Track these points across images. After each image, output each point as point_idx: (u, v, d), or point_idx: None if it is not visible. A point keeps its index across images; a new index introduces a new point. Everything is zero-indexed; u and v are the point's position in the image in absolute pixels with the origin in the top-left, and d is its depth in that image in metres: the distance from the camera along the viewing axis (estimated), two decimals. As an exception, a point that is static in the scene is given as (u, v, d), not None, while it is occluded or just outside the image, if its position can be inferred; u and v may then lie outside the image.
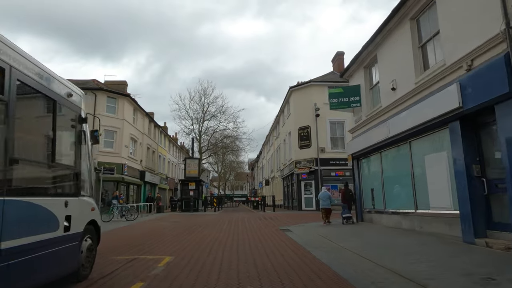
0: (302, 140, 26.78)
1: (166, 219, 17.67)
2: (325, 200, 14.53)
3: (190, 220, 16.90)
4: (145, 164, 31.86)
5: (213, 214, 22.70)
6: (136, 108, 29.63)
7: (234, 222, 15.38)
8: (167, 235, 10.72)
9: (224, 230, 12.22)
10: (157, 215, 22.43)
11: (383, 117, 11.15)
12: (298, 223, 14.73)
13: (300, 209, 26.07)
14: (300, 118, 27.12)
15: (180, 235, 10.51)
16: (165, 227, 13.15)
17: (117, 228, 13.13)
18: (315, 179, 25.44)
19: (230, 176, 76.87)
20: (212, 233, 11.03)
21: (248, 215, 21.94)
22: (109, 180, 24.75)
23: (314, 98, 26.46)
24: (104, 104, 25.60)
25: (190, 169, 25.99)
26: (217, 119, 36.28)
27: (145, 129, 31.87)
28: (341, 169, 25.77)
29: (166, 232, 11.50)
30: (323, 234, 10.18)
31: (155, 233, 11.40)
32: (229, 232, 11.53)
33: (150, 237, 10.02)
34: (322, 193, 14.87)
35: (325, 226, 12.99)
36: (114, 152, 25.64)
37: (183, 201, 25.48)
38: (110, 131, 25.66)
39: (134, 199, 28.62)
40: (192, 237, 10.11)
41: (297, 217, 18.81)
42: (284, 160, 32.89)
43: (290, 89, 28.11)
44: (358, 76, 13.64)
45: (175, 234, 10.83)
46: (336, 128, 26.71)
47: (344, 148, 26.14)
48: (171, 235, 10.68)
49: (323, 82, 27.34)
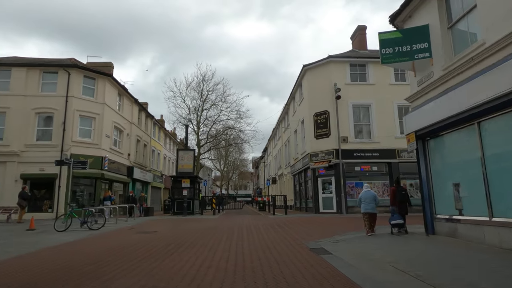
0: (319, 128, 22.21)
1: (145, 227, 13.19)
2: (369, 202, 10.27)
3: (177, 229, 12.42)
4: (134, 158, 27.42)
5: (211, 219, 18.18)
6: (122, 92, 25.19)
7: (237, 233, 10.87)
8: (123, 262, 6.24)
9: (222, 249, 7.73)
10: (140, 220, 17.94)
11: (487, 61, 6.59)
12: (328, 234, 10.26)
13: (317, 211, 21.52)
14: (316, 101, 22.55)
15: (144, 263, 6.04)
16: (131, 244, 8.66)
17: (61, 245, 8.69)
18: (336, 175, 20.88)
19: (233, 175, 72.52)
20: (200, 258, 6.56)
21: (255, 219, 17.42)
22: (84, 176, 20.38)
23: (334, 77, 21.89)
24: (80, 85, 21.18)
25: (184, 163, 21.54)
26: (218, 108, 31.81)
27: (133, 118, 27.42)
28: (368, 162, 21.23)
29: (126, 255, 7.03)
30: (394, 260, 5.66)
31: (107, 256, 6.93)
32: (228, 255, 7.04)
33: (88, 269, 5.57)
34: (365, 193, 10.53)
35: (376, 240, 8.50)
36: (92, 142, 21.21)
37: (175, 202, 21.05)
38: (87, 117, 21.24)
39: (122, 200, 24.19)
40: (163, 268, 5.64)
41: (319, 223, 14.28)
42: (295, 154, 28.32)
43: (304, 68, 23.53)
44: (424, 14, 9.04)
45: (138, 261, 6.35)
46: (360, 113, 22.11)
47: (370, 138, 21.61)
48: (129, 262, 6.20)
49: (344, 58, 22.76)
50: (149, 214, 21.45)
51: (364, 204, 10.56)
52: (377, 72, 22.31)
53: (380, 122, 21.60)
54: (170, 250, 7.60)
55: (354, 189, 20.94)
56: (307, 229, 11.89)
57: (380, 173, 21.33)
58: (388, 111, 21.78)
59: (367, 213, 10.43)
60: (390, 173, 21.11)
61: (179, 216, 20.16)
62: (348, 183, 20.88)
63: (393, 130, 21.60)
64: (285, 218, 17.77)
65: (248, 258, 6.55)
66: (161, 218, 18.58)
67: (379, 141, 21.36)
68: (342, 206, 20.07)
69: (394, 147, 21.25)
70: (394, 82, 22.31)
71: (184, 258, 6.67)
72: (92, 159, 20.66)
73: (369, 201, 10.52)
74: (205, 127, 32.08)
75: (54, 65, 20.95)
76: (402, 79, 22.55)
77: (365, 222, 10.51)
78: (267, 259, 6.38)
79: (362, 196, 10.80)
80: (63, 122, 20.01)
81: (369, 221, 10.40)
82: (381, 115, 21.69)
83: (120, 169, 24.38)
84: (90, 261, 6.32)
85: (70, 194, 19.61)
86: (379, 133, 21.47)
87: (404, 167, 21.24)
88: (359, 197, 11.05)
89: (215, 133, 32.68)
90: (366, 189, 11.01)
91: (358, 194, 21.01)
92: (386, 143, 21.27)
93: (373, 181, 21.14)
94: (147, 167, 30.98)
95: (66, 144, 19.91)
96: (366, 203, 10.55)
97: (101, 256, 6.93)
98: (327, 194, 21.45)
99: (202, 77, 31.30)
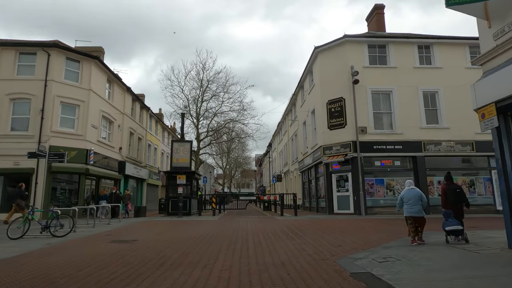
0: (333, 118, 19.57)
1: (125, 234, 10.63)
2: (414, 203, 7.92)
3: (165, 236, 9.87)
4: (126, 153, 24.92)
5: (210, 221, 15.61)
6: (112, 79, 22.65)
7: (241, 243, 8.29)
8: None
9: (221, 269, 5.16)
10: (126, 222, 15.41)
11: None
12: (362, 244, 7.71)
13: (330, 212, 18.91)
14: (329, 88, 19.91)
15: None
16: (93, 262, 6.13)
17: (1, 260, 6.19)
18: (353, 170, 18.25)
19: (236, 173, 69.97)
20: (186, 285, 4.02)
21: (261, 222, 14.85)
22: (66, 171, 17.89)
23: (350, 60, 19.23)
24: (62, 68, 18.65)
25: (179, 156, 18.93)
26: (219, 99, 29.19)
27: (126, 109, 24.89)
28: (389, 156, 18.59)
29: (72, 283, 4.49)
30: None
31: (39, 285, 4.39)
32: (228, 283, 4.47)
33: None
34: (408, 192, 8.15)
35: (439, 255, 5.94)
36: (76, 133, 18.69)
37: (169, 201, 18.48)
38: (70, 104, 18.71)
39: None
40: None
41: (341, 228, 11.66)
42: (304, 149, 25.71)
43: (315, 51, 20.88)
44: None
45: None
46: (380, 100, 19.44)
47: (392, 129, 18.95)
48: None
49: (361, 38, 20.09)
50: (141, 214, 18.92)
51: (407, 206, 8.09)
52: (399, 54, 19.66)
53: (403, 111, 18.94)
54: (144, 273, 5.06)
55: (374, 187, 18.32)
56: (330, 236, 9.29)
57: (404, 169, 18.69)
58: (412, 98, 19.12)
59: (412, 217, 7.92)
60: (415, 168, 18.47)
61: (173, 217, 17.60)
62: (367, 180, 18.25)
63: (418, 120, 18.94)
64: (296, 221, 15.18)
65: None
66: (151, 220, 16.03)
67: (402, 131, 18.71)
68: (361, 206, 17.45)
69: (420, 139, 18.60)
70: (419, 66, 19.64)
71: (163, 285, 4.12)
72: (75, 152, 18.19)
73: (414, 202, 8.09)
74: (205, 119, 29.53)
75: (32, 44, 18.43)
76: (428, 62, 19.90)
77: (409, 228, 7.99)
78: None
79: (405, 195, 8.30)
80: (41, 110, 17.50)
81: (415, 226, 7.90)
82: (404, 102, 19.03)
83: (110, 164, 21.88)
84: None
85: (49, 192, 17.15)
86: (401, 123, 18.81)
87: (431, 161, 18.62)
88: (400, 196, 8.53)
89: (216, 127, 30.06)
90: (409, 186, 8.53)
91: (378, 192, 18.42)
92: (410, 134, 18.62)
93: (395, 177, 18.55)
94: (142, 163, 28.47)
95: (44, 134, 17.40)
96: (410, 204, 8.12)
97: (31, 284, 4.38)
98: (343, 192, 18.82)
99: (202, 65, 28.69)
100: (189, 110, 28.18)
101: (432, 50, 19.93)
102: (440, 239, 8.17)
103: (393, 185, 18.40)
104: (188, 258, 6.26)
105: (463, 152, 18.75)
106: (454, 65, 19.57)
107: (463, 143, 18.71)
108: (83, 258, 6.32)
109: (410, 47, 19.82)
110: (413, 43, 19.87)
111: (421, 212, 8.10)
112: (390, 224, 12.42)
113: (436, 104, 19.41)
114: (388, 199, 18.15)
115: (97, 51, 23.45)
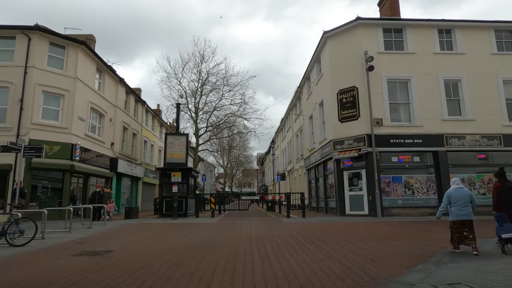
0: (344, 109, 17.71)
1: (100, 242, 8.78)
2: (464, 204, 6.54)
3: (149, 246, 8.03)
4: (119, 149, 23.12)
5: (207, 224, 13.75)
6: (102, 68, 20.84)
7: (243, 258, 6.45)
8: None
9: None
10: (111, 225, 13.61)
11: None
12: (398, 256, 5.92)
13: (342, 213, 17.07)
14: (340, 76, 18.05)
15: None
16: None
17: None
18: (368, 166, 16.40)
19: (237, 172, 68.12)
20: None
21: (266, 225, 13.02)
22: (48, 168, 16.12)
23: (363, 45, 17.36)
24: (45, 54, 16.85)
25: (173, 151, 17.06)
26: (219, 92, 27.34)
27: (119, 102, 23.07)
28: (407, 151, 16.73)
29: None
30: None
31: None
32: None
33: None
34: (456, 191, 6.68)
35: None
36: (60, 126, 16.89)
37: (163, 201, 16.66)
38: (53, 94, 16.92)
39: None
40: None
41: (359, 231, 9.81)
42: (310, 144, 23.86)
43: (324, 36, 19.01)
44: None
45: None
46: (397, 89, 17.57)
47: (410, 121, 17.12)
48: None
49: (376, 21, 18.22)
50: (132, 216, 17.10)
51: (456, 208, 6.55)
52: (418, 39, 17.79)
53: (422, 101, 17.08)
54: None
55: (390, 185, 16.46)
56: (353, 245, 7.45)
57: (423, 165, 16.84)
58: (432, 87, 17.26)
59: (461, 221, 6.46)
60: (436, 164, 16.61)
61: (167, 219, 15.79)
62: (383, 178, 16.40)
63: (439, 111, 17.08)
64: (305, 223, 13.34)
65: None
66: (141, 223, 14.21)
67: (422, 124, 16.85)
68: (377, 206, 15.60)
69: (441, 132, 16.75)
70: (439, 51, 17.76)
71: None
72: (58, 146, 16.40)
73: (464, 204, 6.52)
74: (205, 114, 27.68)
75: (11, 27, 16.62)
76: (449, 48, 18.03)
77: (453, 234, 6.58)
78: None
79: (453, 195, 6.66)
80: (20, 99, 15.72)
81: (460, 232, 6.46)
82: (423, 92, 17.17)
83: (99, 160, 20.08)
84: None
85: (28, 191, 15.34)
86: (421, 115, 16.95)
87: (454, 157, 16.76)
88: (447, 195, 6.78)
89: (216, 121, 28.18)
90: (457, 185, 6.95)
91: (395, 191, 16.53)
92: (430, 127, 16.77)
93: (414, 175, 16.68)
94: (137, 160, 26.66)
95: (24, 127, 15.62)
96: (459, 206, 6.54)
97: None
98: (356, 191, 16.96)
99: (201, 56, 26.83)
100: (187, 103, 26.35)
101: (454, 34, 18.05)
102: (488, 247, 6.55)
103: (412, 183, 16.53)
104: (168, 285, 4.43)
105: (490, 147, 16.87)
106: (478, 50, 17.71)
107: (490, 137, 16.84)
108: (19, 286, 4.50)
109: (430, 31, 17.94)
110: (432, 27, 17.99)
111: (472, 215, 6.50)
112: (418, 229, 10.60)
113: (458, 93, 17.54)
114: (406, 198, 16.30)
115: (88, 39, 21.67)
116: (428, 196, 16.40)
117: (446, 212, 6.80)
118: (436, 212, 7.35)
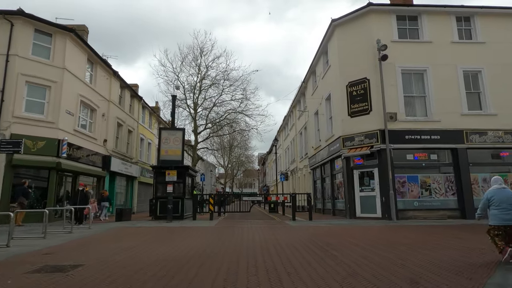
0: (354, 103, 16.33)
1: (73, 252, 7.40)
2: (509, 207, 5.47)
3: (130, 259, 6.66)
4: (112, 146, 21.76)
5: (205, 228, 12.35)
6: (94, 59, 19.49)
7: (246, 275, 5.06)
8: None
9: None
10: (97, 229, 12.26)
11: None
12: (439, 273, 4.50)
13: (352, 216, 15.68)
14: (350, 67, 16.67)
15: None
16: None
17: None
18: (381, 165, 15.01)
19: (238, 172, 66.70)
20: None
21: (271, 230, 11.63)
22: (32, 165, 14.78)
23: (375, 34, 15.98)
24: (29, 42, 15.50)
25: (168, 147, 15.67)
26: (219, 87, 25.96)
27: (113, 96, 21.71)
28: (424, 149, 15.33)
29: None
30: None
31: None
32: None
33: None
34: (498, 192, 5.63)
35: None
36: (46, 120, 15.53)
37: (157, 202, 15.31)
38: (38, 85, 15.56)
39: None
40: None
41: (378, 237, 8.42)
42: (316, 142, 22.47)
43: (332, 24, 17.62)
44: None
45: None
46: (412, 81, 16.18)
47: (426, 116, 15.74)
48: None
49: (389, 7, 16.82)
50: (124, 218, 15.73)
51: (498, 211, 5.55)
52: (434, 27, 16.40)
53: (439, 94, 15.69)
54: None
55: (405, 185, 15.07)
56: (377, 256, 6.06)
57: (442, 164, 15.45)
58: (450, 79, 15.88)
59: (504, 226, 5.46)
60: (456, 163, 15.21)
61: (161, 221, 14.41)
62: (397, 177, 15.00)
63: (458, 105, 15.69)
64: (313, 227, 11.95)
65: None
66: (132, 227, 12.83)
67: (439, 119, 15.45)
68: (392, 209, 14.19)
69: (461, 128, 15.36)
70: (458, 40, 16.37)
71: None
72: (43, 142, 15.05)
73: (509, 206, 5.47)
74: (204, 110, 26.31)
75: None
76: (468, 37, 16.64)
77: (496, 240, 5.54)
78: None
79: (495, 196, 5.68)
80: (1, 90, 14.38)
81: (505, 238, 5.48)
82: (440, 84, 15.79)
83: (90, 158, 18.73)
84: None
85: (9, 190, 14.02)
86: (438, 109, 15.56)
87: (474, 155, 15.36)
88: (487, 197, 5.62)
89: (217, 118, 26.75)
90: (499, 184, 5.77)
91: (411, 192, 15.12)
92: (448, 122, 15.38)
93: (432, 174, 15.30)
94: (132, 159, 25.31)
95: (4, 120, 14.27)
96: (503, 209, 5.51)
97: None
98: (368, 192, 15.57)
99: (200, 49, 25.45)
100: (185, 99, 24.98)
101: (474, 22, 16.65)
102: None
103: (429, 183, 15.13)
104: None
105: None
106: (500, 39, 16.31)
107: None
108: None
109: (447, 18, 16.55)
110: (450, 14, 16.60)
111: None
112: (444, 235, 9.20)
113: (478, 86, 16.15)
114: (423, 200, 14.91)
115: (81, 29, 20.34)
116: (446, 197, 14.99)
117: (482, 215, 5.76)
118: (455, 214, 6.07)
